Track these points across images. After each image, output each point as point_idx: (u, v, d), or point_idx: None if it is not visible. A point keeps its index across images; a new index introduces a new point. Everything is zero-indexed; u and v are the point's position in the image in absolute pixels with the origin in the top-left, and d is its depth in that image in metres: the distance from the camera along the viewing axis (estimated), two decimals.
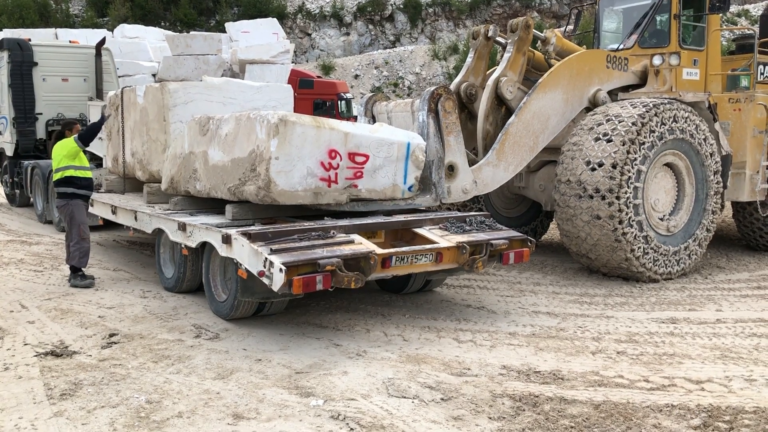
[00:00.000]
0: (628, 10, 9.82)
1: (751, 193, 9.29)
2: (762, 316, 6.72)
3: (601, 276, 8.40)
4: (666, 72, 8.98)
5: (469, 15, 66.60)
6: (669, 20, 9.11)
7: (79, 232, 7.76)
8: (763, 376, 5.09)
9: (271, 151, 6.01)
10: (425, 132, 7.26)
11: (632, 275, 7.99)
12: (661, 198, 8.22)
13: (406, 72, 59.68)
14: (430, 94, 7.40)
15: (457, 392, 4.74)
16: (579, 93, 8.62)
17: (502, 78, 8.34)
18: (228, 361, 5.29)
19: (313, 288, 5.29)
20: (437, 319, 6.57)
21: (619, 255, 7.81)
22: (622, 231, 7.70)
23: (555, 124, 8.41)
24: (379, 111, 8.61)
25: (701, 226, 8.46)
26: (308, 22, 61.55)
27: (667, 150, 8.10)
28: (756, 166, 9.26)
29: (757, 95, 9.30)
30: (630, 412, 4.45)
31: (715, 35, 9.54)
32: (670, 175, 8.34)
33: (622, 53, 9.15)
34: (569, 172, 8.05)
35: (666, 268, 8.10)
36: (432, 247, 6.16)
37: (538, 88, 8.25)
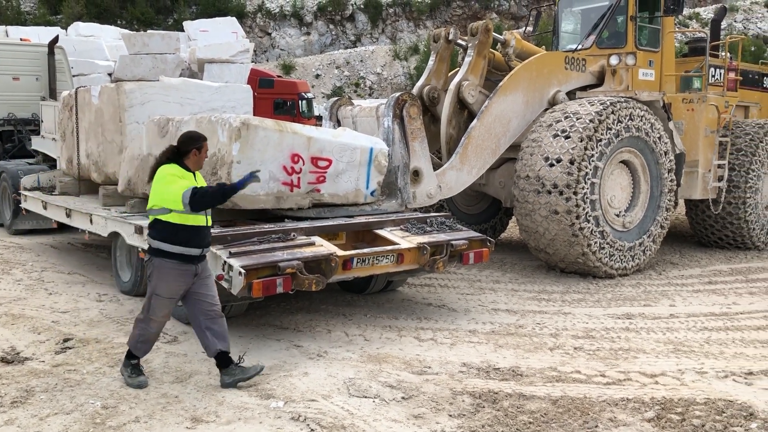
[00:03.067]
0: (586, 11, 10.03)
1: (703, 191, 9.57)
2: (713, 311, 6.92)
3: (558, 273, 8.55)
4: (623, 72, 9.19)
5: (430, 16, 66.93)
6: (626, 22, 9.31)
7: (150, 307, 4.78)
8: (713, 369, 5.24)
9: (233, 155, 5.96)
10: (390, 138, 7.35)
11: (589, 270, 8.14)
12: (617, 195, 8.40)
13: (367, 72, 59.71)
14: (395, 100, 7.46)
15: (417, 391, 4.77)
16: (539, 95, 8.77)
17: (463, 82, 8.44)
18: (186, 365, 5.23)
19: (274, 291, 5.26)
20: (399, 319, 6.60)
21: (576, 249, 7.94)
22: (579, 226, 7.84)
23: (516, 126, 8.58)
24: (344, 115, 8.62)
25: (655, 222, 8.66)
26: (268, 21, 61.04)
27: (623, 147, 8.29)
28: (708, 165, 9.56)
29: (709, 96, 9.65)
30: (587, 406, 4.54)
31: (669, 37, 9.81)
32: (626, 173, 8.53)
33: (579, 54, 9.33)
34: (528, 168, 8.16)
35: (621, 263, 8.28)
36: (393, 248, 6.19)
37: (498, 91, 8.38)
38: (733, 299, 7.38)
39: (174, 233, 4.62)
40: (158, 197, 4.64)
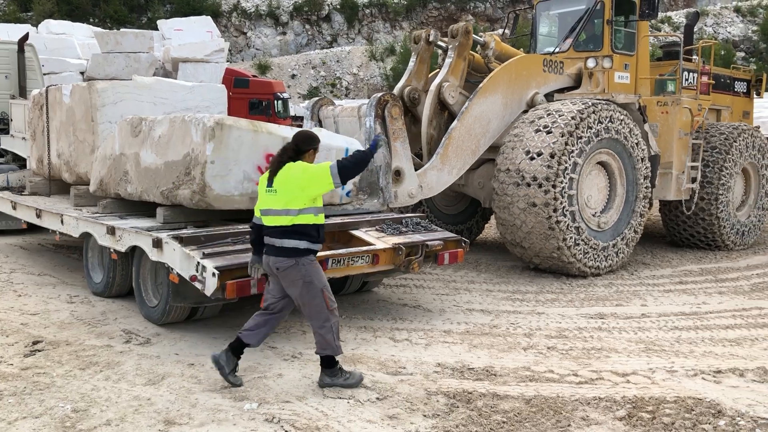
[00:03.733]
0: (563, 14, 10.19)
1: (677, 192, 9.73)
2: (683, 310, 7.03)
3: (532, 273, 8.62)
4: (599, 74, 9.35)
5: (406, 17, 67.06)
6: (602, 25, 9.47)
7: (326, 302, 4.81)
8: (683, 368, 5.32)
9: (207, 155, 5.91)
10: (372, 138, 7.27)
11: (563, 266, 8.23)
12: (594, 195, 8.52)
13: (343, 72, 59.65)
14: (377, 100, 7.54)
15: (392, 391, 4.77)
16: (518, 97, 8.89)
17: (444, 83, 8.52)
18: (159, 367, 5.18)
19: (248, 292, 5.23)
20: (374, 319, 6.60)
21: (551, 243, 8.03)
22: (555, 219, 7.93)
23: (495, 127, 8.71)
24: (326, 115, 8.66)
25: (629, 226, 8.80)
26: (243, 20, 60.70)
27: (602, 148, 8.44)
28: (681, 167, 9.73)
29: (683, 99, 9.79)
30: (560, 405, 4.59)
31: (644, 41, 10.00)
32: (603, 175, 8.66)
33: (557, 56, 9.45)
34: (509, 161, 8.25)
35: (595, 261, 8.38)
36: (368, 249, 6.19)
37: (478, 93, 8.48)
38: (703, 299, 7.51)
39: (315, 231, 4.74)
40: (315, 185, 4.68)
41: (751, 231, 10.68)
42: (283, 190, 4.66)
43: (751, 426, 4.29)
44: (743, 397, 4.74)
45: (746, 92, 12.19)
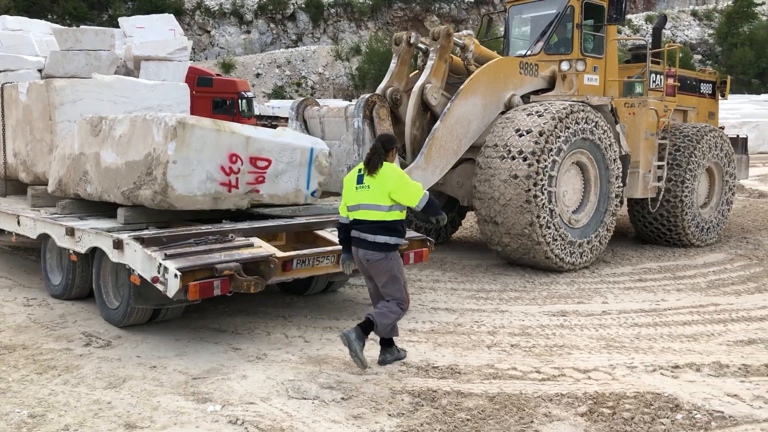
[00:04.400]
0: (535, 18, 10.38)
1: (644, 191, 9.97)
2: (642, 307, 7.18)
3: (497, 272, 8.70)
4: (573, 77, 9.62)
5: (371, 17, 67.11)
6: (572, 29, 9.72)
7: (405, 295, 5.28)
8: (642, 363, 5.43)
9: (169, 155, 5.84)
10: (361, 138, 7.68)
11: (531, 246, 8.32)
12: (569, 192, 8.81)
13: (309, 72, 59.44)
14: (365, 101, 7.78)
15: (357, 391, 4.78)
16: (496, 98, 9.11)
17: (426, 85, 8.66)
18: (120, 369, 5.09)
19: (211, 294, 5.18)
20: (339, 319, 6.59)
21: (525, 218, 8.19)
22: (534, 193, 8.14)
23: (476, 127, 8.92)
24: (311, 116, 8.75)
25: (603, 224, 9.07)
26: (207, 19, 60.05)
27: (579, 148, 8.71)
28: (648, 166, 9.97)
29: (649, 101, 10.05)
30: (523, 402, 4.64)
31: (612, 44, 10.23)
32: (579, 175, 8.94)
33: (531, 59, 9.67)
34: (497, 137, 8.54)
35: (562, 252, 8.54)
36: (334, 249, 6.16)
37: (459, 94, 8.66)
38: (662, 296, 7.67)
39: (401, 227, 5.20)
40: (402, 195, 5.07)
41: (715, 228, 10.90)
42: (376, 187, 5.06)
43: (707, 419, 4.40)
44: (699, 391, 4.86)
45: (712, 94, 12.43)
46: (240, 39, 61.23)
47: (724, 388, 4.92)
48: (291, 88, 57.42)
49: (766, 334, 6.29)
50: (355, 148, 8.14)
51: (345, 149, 8.29)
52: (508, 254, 8.74)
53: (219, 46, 60.26)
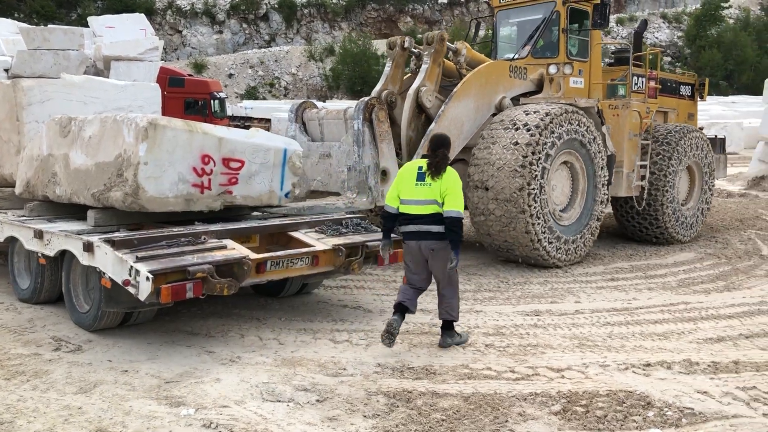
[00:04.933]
0: (522, 23, 10.67)
1: (627, 189, 10.28)
2: (615, 306, 7.26)
3: (471, 272, 8.74)
4: (560, 80, 9.94)
5: (345, 17, 67.01)
6: (558, 34, 10.01)
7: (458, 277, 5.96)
8: (615, 362, 5.50)
9: (140, 156, 5.77)
10: (361, 139, 7.96)
11: (516, 213, 8.50)
12: (558, 189, 9.14)
13: (282, 72, 59.17)
14: (365, 104, 8.07)
15: (332, 393, 4.76)
16: (487, 100, 9.37)
17: (421, 88, 8.87)
18: (91, 374, 5.01)
19: (183, 296, 5.12)
20: (314, 321, 6.57)
21: (517, 182, 8.45)
22: (529, 160, 8.43)
23: (468, 129, 9.18)
24: (310, 118, 8.98)
25: (587, 227, 9.39)
26: (179, 18, 59.46)
27: (568, 148, 9.04)
28: (631, 166, 10.28)
29: (632, 103, 10.37)
30: (497, 402, 4.67)
31: (596, 48, 10.56)
32: (568, 178, 9.33)
33: (519, 62, 9.94)
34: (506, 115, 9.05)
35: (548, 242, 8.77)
36: (308, 250, 6.15)
37: (453, 97, 8.89)
38: (634, 295, 7.77)
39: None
40: (451, 200, 5.53)
41: (696, 224, 11.26)
42: (437, 186, 5.54)
43: (677, 416, 4.47)
44: (670, 388, 4.93)
45: (691, 95, 12.78)
46: (212, 39, 60.72)
47: (695, 385, 5.00)
48: (264, 89, 57.11)
49: (734, 331, 6.41)
50: (355, 149, 8.26)
51: (345, 150, 8.42)
52: (490, 228, 8.80)
53: (191, 46, 59.70)
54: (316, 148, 8.92)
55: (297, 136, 9.00)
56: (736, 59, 58.27)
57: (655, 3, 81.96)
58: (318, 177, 8.72)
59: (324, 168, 8.76)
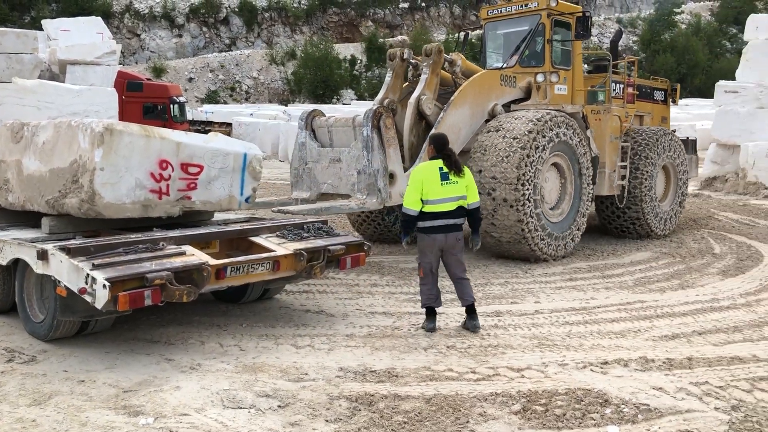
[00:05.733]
0: (508, 34, 11.35)
1: (609, 188, 10.94)
2: (573, 306, 7.39)
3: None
4: (546, 87, 10.52)
5: (306, 21, 66.85)
6: (543, 44, 10.62)
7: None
8: (573, 360, 5.60)
9: (96, 162, 5.68)
10: (370, 145, 8.50)
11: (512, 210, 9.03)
12: (548, 188, 9.70)
13: (243, 76, 58.70)
14: (373, 112, 8.64)
15: (294, 398, 4.74)
16: (481, 107, 9.99)
17: (422, 97, 9.44)
18: (46, 385, 4.90)
19: (141, 304, 5.05)
20: (275, 327, 6.53)
21: (511, 183, 9.00)
22: (523, 163, 9.02)
23: (465, 134, 9.78)
24: (319, 125, 9.49)
25: (579, 213, 10.07)
26: (137, 22, 58.58)
27: (557, 151, 9.65)
28: (613, 166, 10.96)
29: (612, 108, 11.04)
30: (458, 403, 4.71)
31: (578, 57, 11.18)
32: (557, 176, 9.90)
33: (508, 71, 10.50)
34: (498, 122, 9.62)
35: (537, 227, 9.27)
36: (269, 255, 6.11)
37: (450, 105, 9.49)
38: (591, 294, 7.92)
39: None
40: (472, 192, 6.36)
41: (672, 219, 11.96)
42: (462, 182, 6.24)
43: (634, 412, 4.57)
44: (627, 385, 5.04)
45: (664, 100, 13.54)
46: (171, 43, 59.96)
47: (650, 381, 5.12)
48: (225, 93, 56.60)
49: (688, 328, 6.58)
50: (364, 153, 8.73)
51: (354, 155, 8.89)
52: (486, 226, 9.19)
53: (150, 50, 58.85)
54: (326, 154, 9.29)
55: (307, 142, 9.44)
56: (689, 63, 59.78)
57: (610, 8, 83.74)
58: (328, 180, 9.16)
59: (334, 172, 9.14)
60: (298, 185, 9.52)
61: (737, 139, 19.04)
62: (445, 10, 72.91)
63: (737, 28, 61.22)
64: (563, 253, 9.77)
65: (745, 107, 19.41)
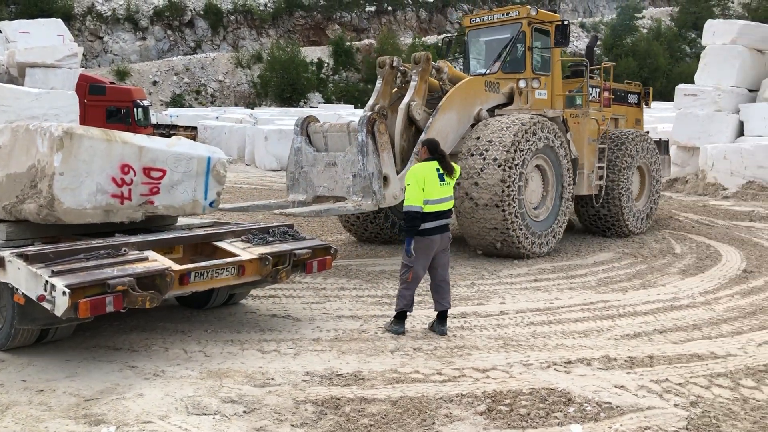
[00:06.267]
0: (490, 41, 11.86)
1: (588, 188, 11.50)
2: (538, 306, 7.48)
3: (397, 278, 8.80)
4: (528, 93, 11.06)
5: (272, 24, 66.53)
6: (524, 51, 11.12)
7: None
8: (538, 360, 5.66)
9: (55, 167, 5.57)
10: (365, 149, 8.91)
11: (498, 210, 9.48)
12: (531, 189, 10.19)
13: (208, 79, 58.16)
14: (368, 118, 9.05)
15: (260, 403, 4.71)
16: (467, 113, 10.45)
17: (411, 103, 9.85)
18: (3, 396, 4.78)
19: (103, 310, 4.96)
20: (241, 332, 6.48)
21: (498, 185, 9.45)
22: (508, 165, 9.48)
23: (452, 138, 10.24)
24: (314, 131, 9.90)
25: (560, 212, 10.53)
26: (99, 24, 57.67)
27: (539, 154, 10.13)
28: (591, 167, 11.51)
29: (590, 112, 11.63)
30: (425, 404, 4.73)
31: (557, 64, 11.64)
32: (540, 177, 10.42)
33: (491, 77, 10.94)
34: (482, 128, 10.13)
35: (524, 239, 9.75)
36: (233, 260, 6.06)
37: (439, 110, 9.93)
38: (556, 294, 8.02)
39: None
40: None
41: (647, 217, 12.52)
42: (452, 182, 6.40)
43: (596, 410, 4.64)
44: (590, 384, 5.12)
45: (637, 103, 14.11)
46: (135, 46, 59.14)
47: (612, 380, 5.21)
48: (190, 96, 56.00)
49: (649, 327, 6.71)
50: (359, 158, 9.13)
51: (350, 159, 9.28)
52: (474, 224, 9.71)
53: (113, 53, 57.97)
54: (322, 158, 9.66)
55: (303, 147, 9.83)
56: (650, 67, 60.90)
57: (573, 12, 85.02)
58: (324, 183, 9.58)
59: (330, 176, 9.52)
60: (295, 188, 9.91)
61: (696, 142, 19.50)
62: (411, 14, 73.21)
63: (696, 33, 62.62)
64: (547, 249, 10.23)
65: (704, 110, 19.90)
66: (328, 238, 11.41)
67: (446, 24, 74.28)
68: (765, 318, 7.07)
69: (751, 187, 17.22)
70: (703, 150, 18.80)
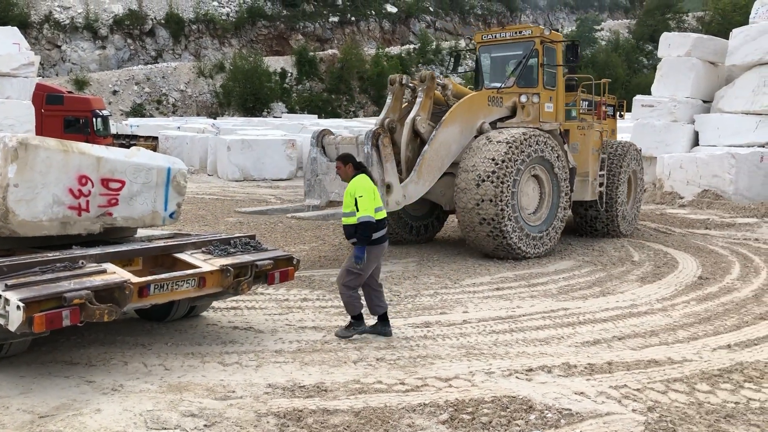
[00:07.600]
0: (501, 57, 12.71)
1: (592, 194, 12.54)
2: (500, 314, 7.56)
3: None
4: (530, 106, 11.70)
5: (235, 34, 66.19)
6: (537, 67, 11.91)
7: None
8: (500, 368, 5.72)
9: (9, 178, 5.46)
10: (370, 160, 9.72)
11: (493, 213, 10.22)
12: (528, 195, 10.95)
13: (170, 89, 57.52)
14: (373, 133, 9.99)
15: (221, 417, 4.66)
16: (470, 126, 11.24)
17: (417, 117, 10.75)
18: None
19: (59, 324, 4.86)
20: (202, 344, 6.40)
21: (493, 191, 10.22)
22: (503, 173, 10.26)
23: (455, 150, 11.06)
24: (328, 143, 10.89)
25: (557, 218, 11.24)
26: (57, 33, 56.66)
27: (535, 164, 10.85)
28: (595, 175, 12.53)
29: (594, 125, 12.74)
30: (387, 414, 4.74)
31: (561, 79, 12.55)
32: (536, 185, 11.15)
33: (492, 92, 11.72)
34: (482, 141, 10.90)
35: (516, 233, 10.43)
36: (194, 272, 5.99)
37: (442, 124, 10.74)
38: (518, 303, 8.11)
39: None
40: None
41: (634, 220, 13.66)
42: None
43: (557, 417, 4.71)
44: (551, 391, 5.19)
45: (613, 114, 15.06)
46: (94, 55, 58.21)
47: (572, 386, 5.29)
48: (151, 106, 55.30)
49: (609, 334, 6.83)
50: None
51: None
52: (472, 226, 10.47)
53: (71, 61, 56.95)
54: (334, 167, 10.37)
55: (318, 157, 10.79)
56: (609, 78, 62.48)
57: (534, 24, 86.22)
58: (336, 190, 10.44)
59: (340, 183, 9.89)
60: (311, 194, 10.87)
61: (654, 151, 19.96)
62: (375, 25, 73.58)
63: (653, 45, 64.21)
64: (542, 250, 10.97)
65: (661, 120, 20.40)
66: (291, 248, 11.35)
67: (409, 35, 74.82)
68: (719, 324, 7.27)
69: (707, 196, 17.69)
70: (660, 159, 19.26)
